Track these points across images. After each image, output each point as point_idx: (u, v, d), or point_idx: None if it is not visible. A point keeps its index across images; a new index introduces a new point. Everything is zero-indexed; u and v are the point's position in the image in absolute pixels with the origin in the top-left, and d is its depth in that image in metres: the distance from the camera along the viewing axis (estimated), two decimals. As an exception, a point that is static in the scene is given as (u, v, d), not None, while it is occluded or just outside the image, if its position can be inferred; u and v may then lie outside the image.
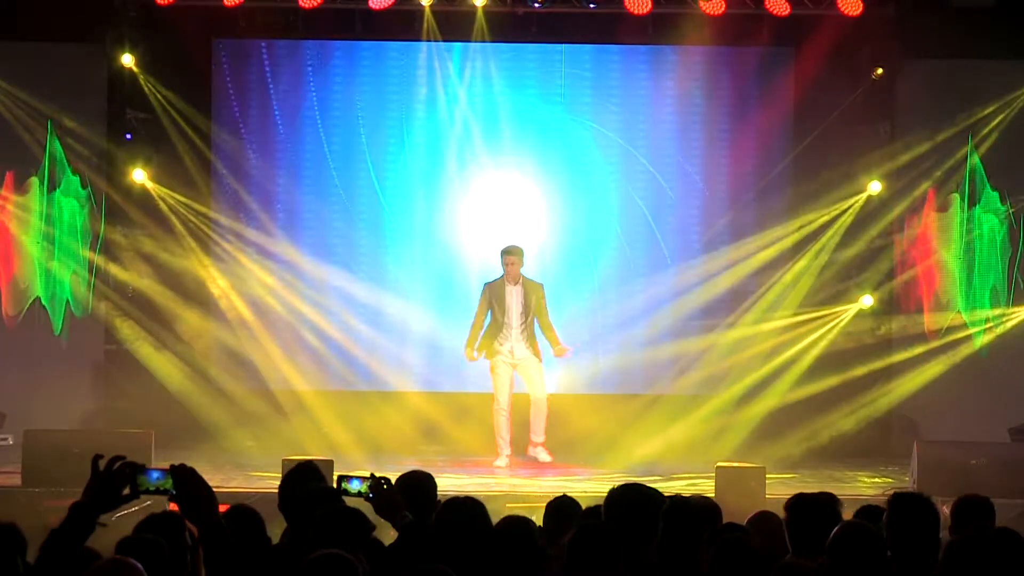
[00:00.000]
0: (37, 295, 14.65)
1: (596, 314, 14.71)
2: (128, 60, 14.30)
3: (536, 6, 14.37)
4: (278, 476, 8.75)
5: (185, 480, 4.33)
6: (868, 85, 14.44)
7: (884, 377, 14.60)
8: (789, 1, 13.92)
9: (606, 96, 14.82)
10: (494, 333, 13.02)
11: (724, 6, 13.90)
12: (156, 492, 4.30)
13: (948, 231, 14.76)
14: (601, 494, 5.44)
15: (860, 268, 14.67)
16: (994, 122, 14.56)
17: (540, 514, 6.11)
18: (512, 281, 12.97)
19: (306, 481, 5.87)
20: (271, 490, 8.55)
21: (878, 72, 14.34)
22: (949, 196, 14.74)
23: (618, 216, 14.85)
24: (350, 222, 14.86)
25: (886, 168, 14.54)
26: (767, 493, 10.81)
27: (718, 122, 14.86)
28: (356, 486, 5.26)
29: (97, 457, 4.26)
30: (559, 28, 14.61)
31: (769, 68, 14.75)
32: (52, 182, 14.65)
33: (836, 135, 14.42)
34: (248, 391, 14.49)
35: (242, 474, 12.35)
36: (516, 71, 14.84)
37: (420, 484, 6.08)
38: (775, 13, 13.98)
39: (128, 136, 14.59)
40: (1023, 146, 14.66)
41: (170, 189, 14.54)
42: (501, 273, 13.08)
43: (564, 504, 6.05)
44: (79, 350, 14.54)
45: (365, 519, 5.01)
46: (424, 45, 14.64)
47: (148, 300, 14.52)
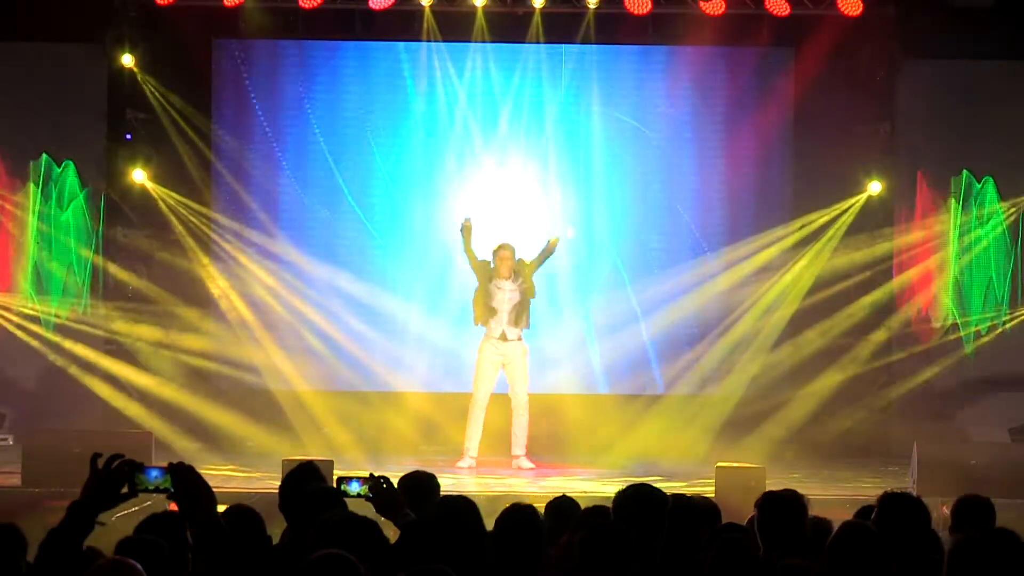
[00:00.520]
0: (37, 295, 14.64)
1: (596, 314, 14.70)
2: (128, 60, 14.31)
3: (536, 6, 14.36)
4: (278, 476, 8.75)
5: (184, 478, 4.33)
6: (868, 85, 14.45)
7: (884, 377, 14.60)
8: (789, 1, 13.93)
9: (606, 96, 14.82)
10: (488, 313, 12.96)
11: (724, 6, 13.90)
12: (155, 491, 4.30)
13: (948, 231, 14.76)
14: (600, 494, 5.45)
15: (860, 268, 14.67)
16: (994, 122, 14.56)
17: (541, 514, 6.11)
18: (504, 276, 12.94)
19: (306, 481, 5.86)
20: (271, 490, 8.55)
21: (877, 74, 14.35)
22: (949, 196, 14.74)
23: (617, 216, 14.85)
24: (350, 222, 14.85)
25: (886, 168, 14.54)
26: (767, 493, 10.79)
27: (718, 122, 14.86)
28: (356, 488, 5.25)
29: (96, 456, 4.26)
30: (559, 28, 14.61)
31: (769, 68, 14.75)
32: (52, 182, 14.65)
33: (836, 135, 14.43)
34: (248, 391, 14.49)
35: (242, 474, 12.35)
36: (516, 71, 14.82)
37: (423, 484, 6.07)
38: (775, 13, 13.98)
39: (128, 136, 14.59)
40: (1023, 146, 14.67)
41: (170, 189, 14.54)
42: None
43: (564, 504, 6.04)
44: (79, 350, 14.52)
45: (378, 530, 4.96)
46: (424, 45, 14.64)
47: (148, 300, 14.51)
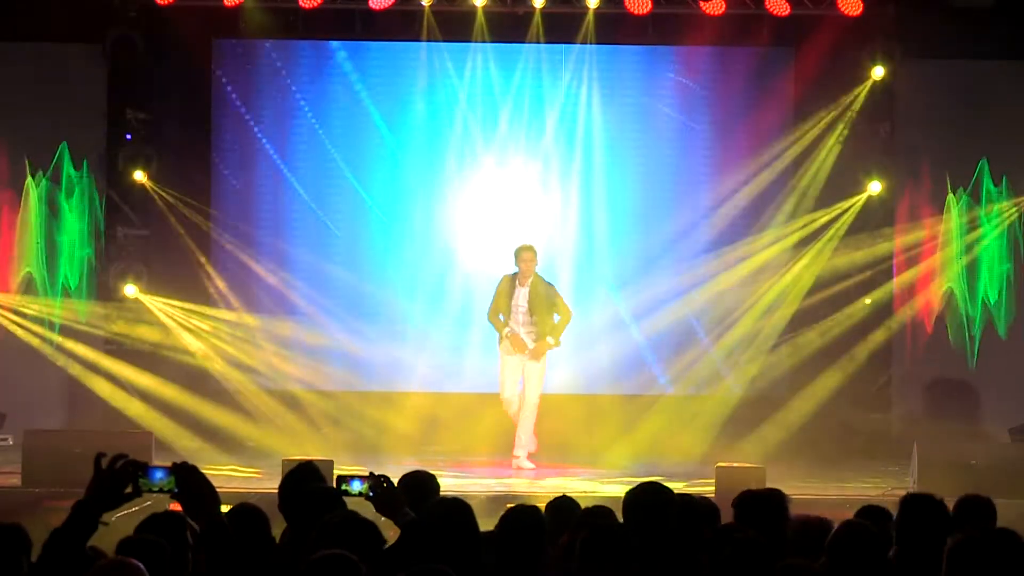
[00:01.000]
0: (37, 295, 14.64)
1: (596, 314, 14.70)
2: (128, 61, 14.29)
3: (536, 6, 14.35)
4: (278, 476, 8.75)
5: (188, 478, 4.34)
6: (868, 85, 14.45)
7: (884, 376, 14.60)
8: (789, 1, 13.93)
9: (606, 96, 14.81)
10: (507, 311, 13.00)
11: (724, 6, 13.90)
12: (159, 491, 4.31)
13: (948, 231, 14.76)
14: (600, 494, 5.47)
15: (860, 268, 14.67)
16: (994, 122, 14.56)
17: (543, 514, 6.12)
18: (522, 281, 12.94)
19: (306, 481, 5.87)
20: (271, 490, 8.55)
21: (877, 73, 14.34)
22: (949, 195, 14.74)
23: (617, 216, 14.85)
24: (350, 222, 14.85)
25: (886, 168, 14.54)
26: (767, 493, 10.80)
27: (718, 122, 14.86)
28: (357, 487, 5.25)
29: (100, 456, 4.26)
30: (559, 28, 14.60)
31: (769, 68, 14.75)
32: (52, 182, 14.65)
33: (836, 135, 14.46)
34: (248, 391, 14.49)
35: (242, 474, 12.36)
36: (516, 71, 14.82)
37: (423, 484, 6.08)
38: (775, 13, 13.98)
39: (128, 136, 14.59)
40: (1023, 146, 14.67)
41: (170, 189, 14.54)
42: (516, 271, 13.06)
43: (564, 504, 6.05)
44: (79, 350, 14.52)
45: (377, 532, 4.97)
46: (424, 45, 14.64)
47: (148, 300, 14.51)
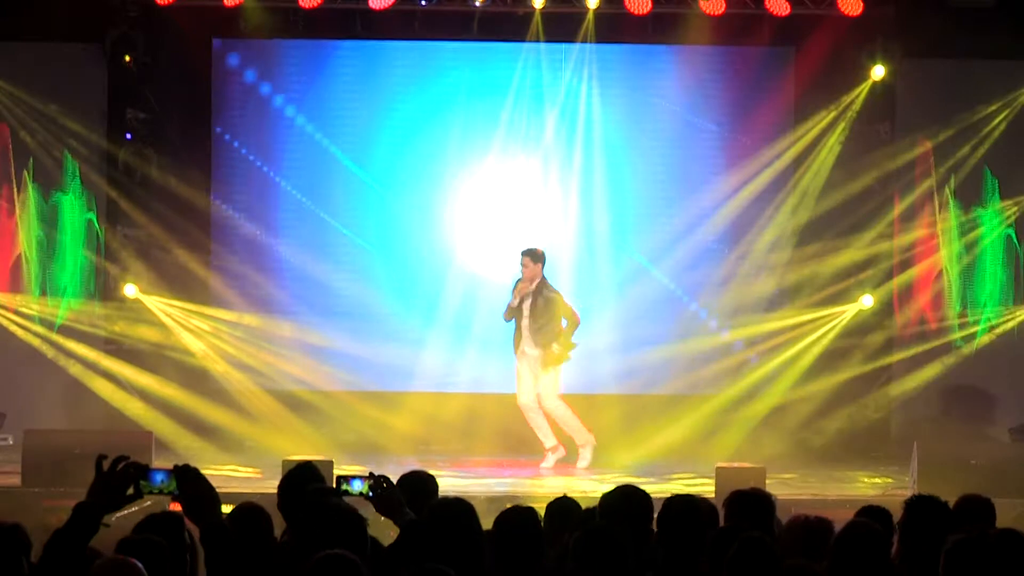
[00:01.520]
0: (37, 295, 14.64)
1: (596, 314, 14.69)
2: (128, 60, 14.29)
3: (536, 6, 14.36)
4: (278, 476, 8.74)
5: (189, 481, 4.34)
6: (868, 85, 14.45)
7: (884, 377, 14.60)
8: (789, 1, 13.92)
9: (606, 96, 14.81)
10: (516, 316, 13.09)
11: (724, 6, 13.89)
12: (160, 493, 4.31)
13: (948, 231, 14.76)
14: (600, 494, 5.46)
15: (860, 268, 14.67)
16: (994, 122, 14.57)
17: (540, 514, 6.11)
18: (525, 286, 13.00)
19: (306, 481, 5.87)
20: (271, 490, 8.54)
21: (876, 73, 14.33)
22: (949, 196, 14.74)
23: (617, 216, 14.85)
24: (350, 221, 14.85)
25: (886, 168, 14.54)
26: (767, 493, 10.81)
27: (718, 122, 14.86)
28: (357, 487, 5.26)
29: (101, 457, 4.27)
30: (559, 28, 14.60)
31: (769, 68, 14.75)
32: (52, 182, 14.65)
33: (835, 135, 14.46)
34: (248, 391, 14.49)
35: (242, 474, 12.36)
36: (516, 71, 14.82)
37: (421, 484, 6.08)
38: (775, 13, 13.97)
39: (128, 136, 14.59)
40: (1023, 146, 14.67)
41: (170, 189, 14.53)
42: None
43: (564, 504, 6.05)
44: (79, 350, 14.52)
45: (359, 517, 4.98)
46: (424, 45, 14.63)
47: (148, 300, 14.51)
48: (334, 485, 5.45)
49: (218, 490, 4.50)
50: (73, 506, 4.23)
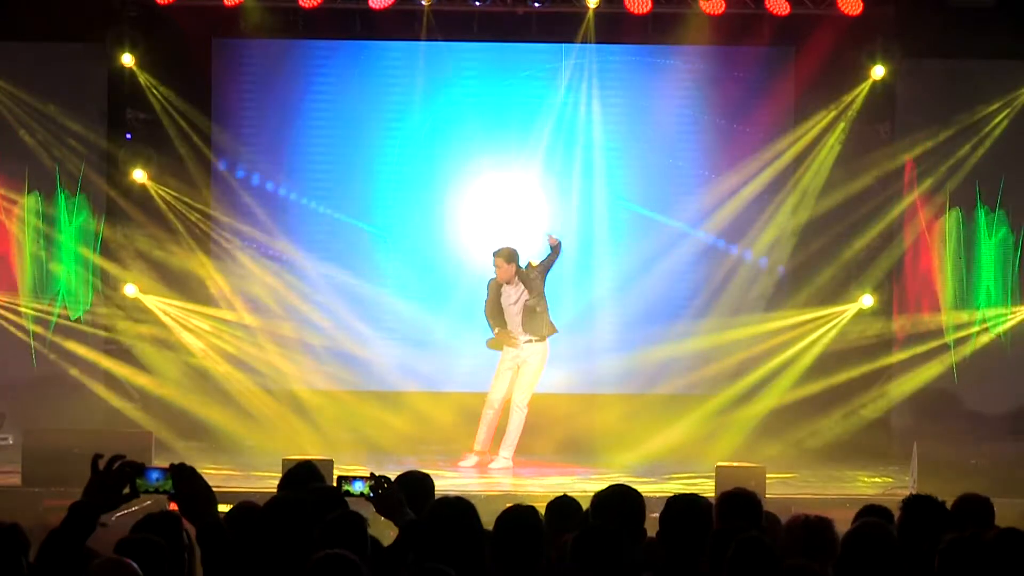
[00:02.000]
0: (36, 295, 14.64)
1: (596, 313, 14.70)
2: (128, 60, 14.30)
3: (536, 6, 14.36)
4: (278, 476, 8.74)
5: (184, 479, 4.34)
6: (868, 85, 14.45)
7: (884, 377, 14.60)
8: (789, 1, 13.93)
9: (606, 96, 14.81)
10: (499, 321, 13.05)
11: (724, 6, 13.90)
12: (155, 492, 4.30)
13: (948, 231, 14.76)
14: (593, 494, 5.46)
15: (860, 268, 14.67)
16: (995, 121, 14.56)
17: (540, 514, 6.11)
18: (506, 282, 12.97)
19: (306, 481, 5.87)
20: (271, 490, 8.54)
21: (876, 73, 14.33)
22: (949, 195, 14.73)
23: (618, 215, 14.85)
24: (350, 221, 14.85)
25: (886, 168, 14.54)
26: (767, 493, 10.81)
27: (718, 122, 14.85)
28: (358, 487, 5.25)
29: (97, 457, 4.26)
30: (559, 28, 14.60)
31: (769, 68, 14.75)
32: (52, 182, 14.64)
33: (835, 135, 14.46)
34: (248, 391, 14.49)
35: (242, 474, 12.35)
36: (515, 71, 14.82)
37: (418, 484, 6.07)
38: (775, 13, 13.98)
39: (128, 136, 14.59)
40: (1023, 146, 14.67)
41: (170, 189, 14.54)
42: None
43: (564, 504, 6.05)
44: (79, 350, 14.52)
45: (359, 517, 4.99)
46: (424, 45, 14.64)
47: (148, 300, 14.51)
48: (335, 485, 5.45)
49: (217, 490, 4.50)
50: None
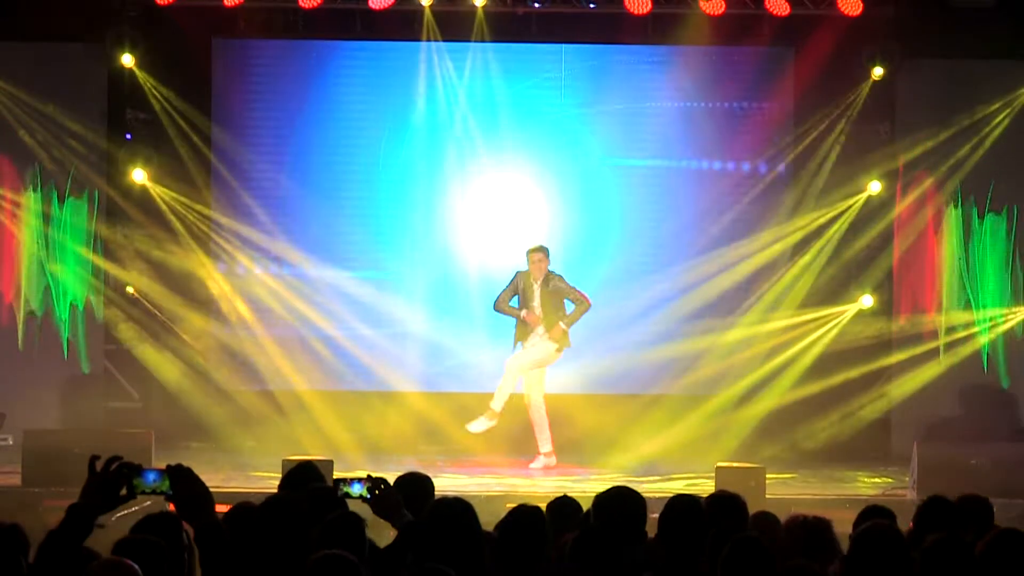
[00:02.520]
0: (37, 295, 14.64)
1: (596, 314, 14.66)
2: (128, 60, 14.29)
3: (536, 6, 14.36)
4: (278, 476, 8.75)
5: (181, 480, 4.33)
6: (868, 85, 14.44)
7: (884, 377, 14.60)
8: (789, 1, 13.92)
9: (606, 96, 14.80)
10: (523, 326, 13.03)
11: (724, 6, 13.89)
12: (152, 493, 4.30)
13: (948, 231, 14.76)
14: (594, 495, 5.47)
15: (860, 268, 14.67)
16: (995, 121, 14.56)
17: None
18: (536, 279, 12.97)
19: (306, 481, 5.86)
20: (271, 490, 8.54)
21: (876, 73, 14.32)
22: (949, 196, 14.74)
23: (618, 216, 14.85)
24: (350, 222, 14.84)
25: (886, 168, 14.54)
26: (767, 493, 10.82)
27: (718, 122, 14.85)
28: (357, 489, 5.25)
29: (94, 458, 4.26)
30: (559, 28, 14.61)
31: (769, 68, 14.75)
32: (52, 182, 14.64)
33: (836, 135, 14.47)
34: (248, 391, 14.49)
35: (242, 474, 12.36)
36: (516, 71, 14.82)
37: (417, 485, 6.07)
38: (775, 13, 13.98)
39: (128, 136, 14.59)
40: (1023, 146, 14.66)
41: (170, 189, 14.53)
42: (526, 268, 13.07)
43: (565, 504, 6.05)
44: (79, 350, 14.52)
45: (357, 518, 4.99)
46: (424, 45, 14.64)
47: (148, 300, 14.51)
48: (333, 486, 5.45)
49: (217, 490, 4.50)
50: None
